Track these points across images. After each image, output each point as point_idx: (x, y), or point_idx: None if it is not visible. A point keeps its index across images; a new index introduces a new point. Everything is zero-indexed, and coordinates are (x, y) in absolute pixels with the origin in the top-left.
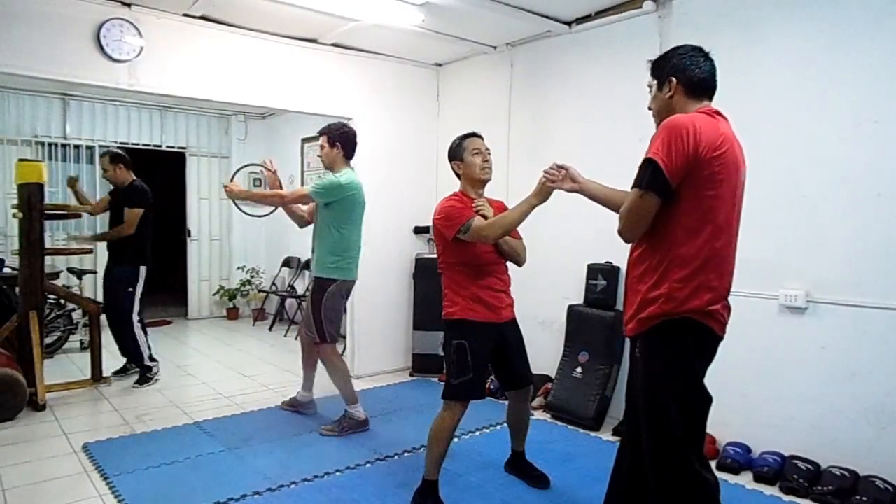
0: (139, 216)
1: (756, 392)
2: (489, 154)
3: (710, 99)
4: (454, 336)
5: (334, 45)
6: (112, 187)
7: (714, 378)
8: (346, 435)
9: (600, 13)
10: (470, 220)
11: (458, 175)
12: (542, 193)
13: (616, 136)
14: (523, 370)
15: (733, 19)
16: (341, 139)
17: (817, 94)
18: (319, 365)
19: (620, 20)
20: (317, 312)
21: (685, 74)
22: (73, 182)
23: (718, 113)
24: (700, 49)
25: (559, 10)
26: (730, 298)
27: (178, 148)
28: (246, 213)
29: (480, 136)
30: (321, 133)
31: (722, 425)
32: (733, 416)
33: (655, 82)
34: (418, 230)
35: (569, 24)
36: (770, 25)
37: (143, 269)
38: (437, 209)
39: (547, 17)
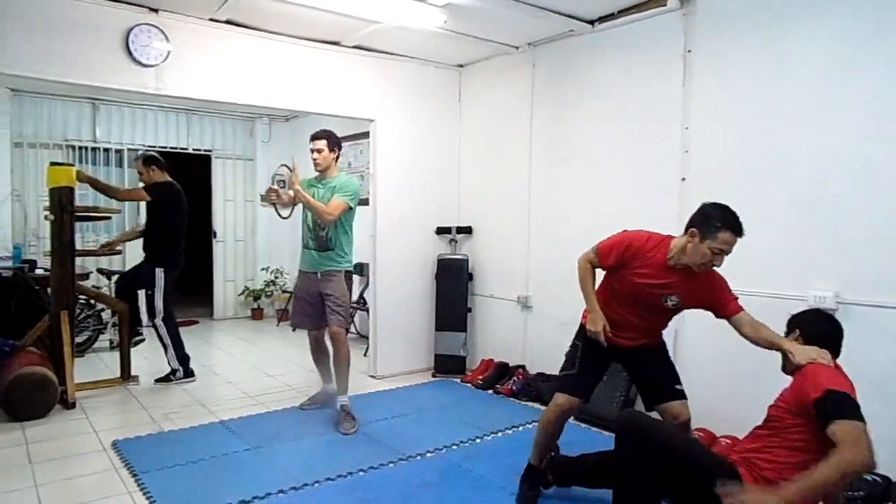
0: (139, 194)
1: None
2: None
3: None
4: (576, 336)
5: (357, 47)
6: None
7: (746, 382)
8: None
9: (623, 12)
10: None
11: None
12: None
13: (640, 136)
14: (659, 387)
15: (758, 17)
16: (339, 146)
17: (842, 92)
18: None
19: (644, 18)
20: (348, 300)
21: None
22: (80, 175)
23: None
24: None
25: (581, 9)
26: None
27: (204, 150)
28: (282, 217)
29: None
30: (320, 137)
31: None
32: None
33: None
34: (440, 231)
35: (591, 23)
36: (795, 23)
37: (159, 272)
38: None
39: (569, 16)
